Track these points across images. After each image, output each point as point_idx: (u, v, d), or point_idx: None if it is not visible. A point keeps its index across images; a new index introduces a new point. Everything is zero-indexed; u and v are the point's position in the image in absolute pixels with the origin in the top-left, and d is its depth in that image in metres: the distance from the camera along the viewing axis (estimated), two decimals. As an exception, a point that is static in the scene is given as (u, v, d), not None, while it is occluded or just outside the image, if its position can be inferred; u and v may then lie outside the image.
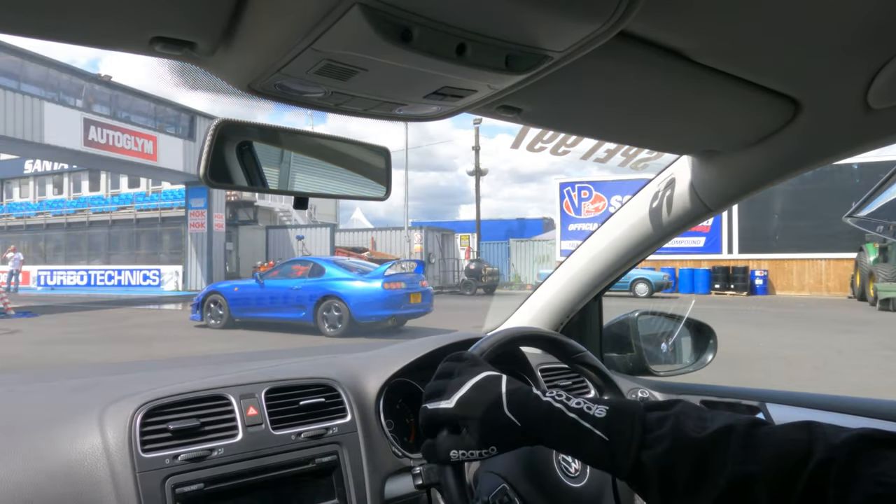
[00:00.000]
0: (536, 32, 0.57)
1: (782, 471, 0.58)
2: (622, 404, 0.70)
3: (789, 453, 0.59)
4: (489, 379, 0.74)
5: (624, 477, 0.66)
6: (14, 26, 0.57)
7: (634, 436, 0.65)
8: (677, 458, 0.63)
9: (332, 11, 0.51)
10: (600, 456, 0.66)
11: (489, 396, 0.72)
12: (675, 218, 1.23)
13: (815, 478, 0.56)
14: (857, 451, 0.56)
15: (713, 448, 0.62)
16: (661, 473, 0.63)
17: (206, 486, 0.90)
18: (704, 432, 0.64)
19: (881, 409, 1.20)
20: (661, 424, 0.65)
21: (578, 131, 1.02)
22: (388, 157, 1.02)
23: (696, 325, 1.65)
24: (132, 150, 18.70)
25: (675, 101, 0.85)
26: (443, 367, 0.79)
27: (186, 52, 0.62)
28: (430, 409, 0.74)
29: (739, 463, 0.60)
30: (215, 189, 9.67)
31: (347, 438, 1.06)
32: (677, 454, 0.63)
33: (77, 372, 1.30)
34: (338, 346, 4.70)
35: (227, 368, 1.17)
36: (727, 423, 0.64)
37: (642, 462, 0.64)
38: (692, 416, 0.66)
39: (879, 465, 0.54)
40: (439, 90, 0.66)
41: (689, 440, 0.63)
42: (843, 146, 0.99)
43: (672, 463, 0.63)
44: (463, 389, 0.73)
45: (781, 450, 0.60)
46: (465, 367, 0.77)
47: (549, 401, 0.70)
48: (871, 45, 0.72)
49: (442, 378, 0.77)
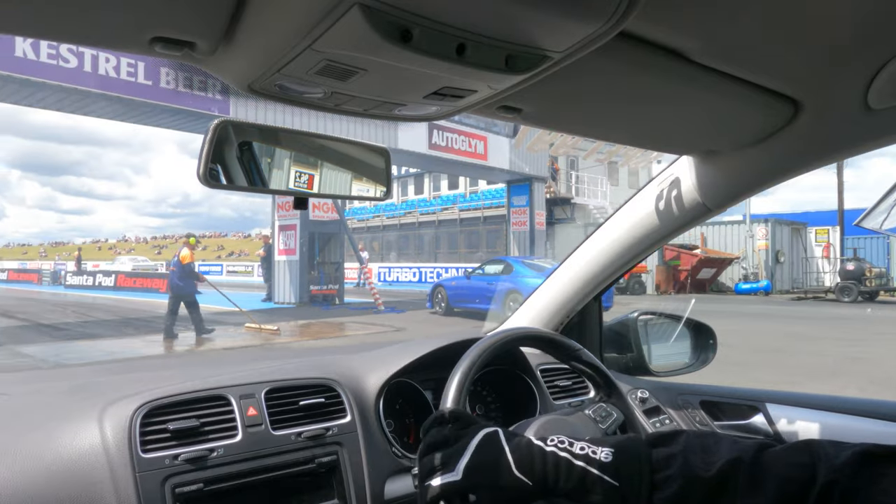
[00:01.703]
0: (536, 32, 0.57)
1: (788, 498, 0.59)
2: (627, 444, 0.69)
3: (793, 479, 0.60)
4: (488, 438, 0.72)
5: None
6: (14, 26, 0.57)
7: (644, 478, 0.65)
8: (688, 499, 0.64)
9: (331, 12, 0.51)
10: (612, 502, 0.66)
11: (494, 458, 0.70)
12: (675, 218, 1.23)
13: (820, 501, 0.57)
14: (858, 470, 0.57)
15: (722, 485, 0.63)
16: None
17: (205, 486, 0.90)
18: (712, 469, 0.64)
19: (882, 409, 1.20)
20: (669, 464, 0.66)
21: (578, 131, 1.02)
22: (387, 157, 1.02)
23: (695, 325, 1.65)
24: (466, 150, 19.17)
25: (675, 101, 0.85)
26: (432, 437, 0.75)
27: (186, 53, 0.62)
28: (437, 485, 0.70)
29: (747, 496, 0.61)
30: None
31: (347, 439, 1.06)
32: (688, 495, 0.64)
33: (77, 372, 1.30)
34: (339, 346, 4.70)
35: (227, 369, 1.17)
36: (734, 457, 0.64)
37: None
38: (698, 452, 0.66)
39: (881, 483, 0.56)
40: (439, 90, 0.66)
41: (699, 480, 0.64)
42: (843, 146, 0.99)
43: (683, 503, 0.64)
44: (466, 456, 0.70)
45: (785, 477, 0.61)
46: (456, 431, 0.74)
47: (553, 451, 0.69)
48: (871, 45, 0.72)
49: (436, 449, 0.74)
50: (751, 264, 21.08)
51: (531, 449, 0.70)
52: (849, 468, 0.58)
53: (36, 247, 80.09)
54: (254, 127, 0.88)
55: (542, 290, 1.54)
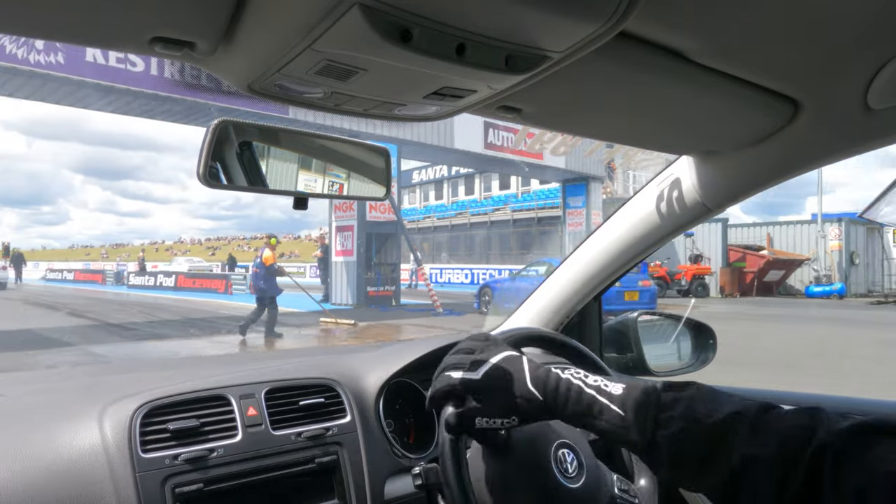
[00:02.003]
0: (536, 32, 0.57)
1: (785, 454, 0.62)
2: (638, 383, 0.74)
3: (793, 438, 0.62)
4: (512, 357, 0.80)
5: (638, 452, 0.71)
6: (14, 25, 0.57)
7: (649, 413, 0.70)
8: (688, 441, 0.67)
9: (331, 12, 0.51)
10: (615, 430, 0.71)
11: (513, 371, 0.78)
12: (675, 218, 1.23)
13: (814, 461, 0.59)
14: (853, 437, 0.59)
15: (722, 432, 0.66)
16: (673, 453, 0.68)
17: (205, 486, 0.90)
18: (715, 416, 0.67)
19: (882, 410, 1.20)
20: (674, 406, 0.69)
21: (578, 131, 1.03)
22: (387, 157, 1.02)
23: (695, 325, 1.65)
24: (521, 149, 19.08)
25: (675, 101, 0.85)
26: (464, 345, 0.83)
27: (186, 53, 0.62)
28: (456, 377, 0.78)
29: (745, 445, 0.64)
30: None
31: (347, 439, 1.06)
32: (688, 436, 0.67)
33: (77, 372, 1.30)
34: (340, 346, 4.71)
35: (227, 368, 1.17)
36: (736, 409, 0.67)
37: (656, 441, 0.68)
38: (705, 400, 0.70)
39: (875, 449, 0.57)
40: (439, 90, 0.66)
41: (701, 424, 0.67)
42: (843, 146, 0.99)
43: (683, 444, 0.67)
44: (488, 364, 0.79)
45: (786, 434, 0.63)
46: (487, 346, 0.82)
47: (568, 377, 0.76)
48: (871, 45, 0.72)
49: (463, 353, 0.81)
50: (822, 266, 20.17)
51: (548, 373, 0.77)
52: (846, 433, 0.60)
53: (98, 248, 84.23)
54: (253, 127, 0.88)
55: (541, 290, 1.54)
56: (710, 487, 0.67)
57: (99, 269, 38.41)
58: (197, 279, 24.22)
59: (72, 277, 34.72)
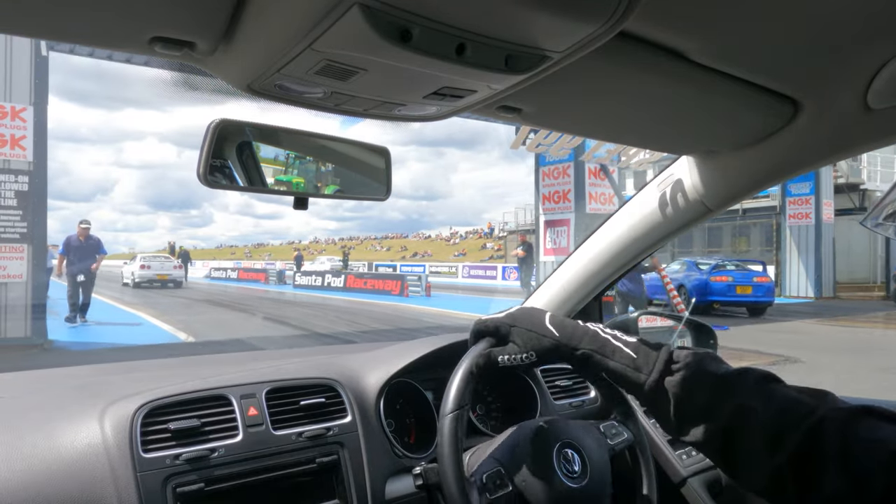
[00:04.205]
0: (536, 32, 0.57)
1: (784, 416, 0.65)
2: (652, 341, 0.79)
3: (797, 403, 0.66)
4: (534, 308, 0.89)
5: (642, 394, 0.75)
6: (14, 25, 0.57)
7: (660, 359, 0.75)
8: (693, 386, 0.72)
9: (331, 12, 0.51)
10: (626, 371, 0.76)
11: (534, 313, 0.87)
12: (675, 218, 1.23)
13: (814, 430, 0.62)
14: (859, 417, 0.62)
15: (727, 384, 0.71)
16: (676, 396, 0.72)
17: (206, 486, 0.90)
18: (720, 371, 0.73)
19: None
20: (686, 359, 0.75)
21: (578, 131, 1.03)
22: (388, 157, 1.02)
23: (696, 326, 1.65)
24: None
25: (675, 101, 0.85)
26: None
27: (186, 53, 0.62)
28: (485, 318, 0.89)
29: (747, 397, 0.68)
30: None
31: (348, 438, 1.06)
32: (694, 382, 0.72)
33: (77, 372, 1.30)
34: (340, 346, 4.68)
35: (227, 368, 1.17)
36: (746, 368, 0.72)
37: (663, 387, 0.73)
38: (716, 360, 0.75)
39: (877, 433, 0.60)
40: (439, 90, 0.66)
41: (707, 374, 0.73)
42: (843, 146, 0.99)
43: (688, 388, 0.72)
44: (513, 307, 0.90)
45: (790, 398, 0.67)
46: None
47: (586, 325, 0.83)
48: (871, 45, 0.72)
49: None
50: None
51: (566, 318, 0.85)
52: (845, 412, 0.63)
53: (241, 248, 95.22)
54: (253, 126, 0.88)
55: (541, 290, 1.54)
56: (706, 436, 0.70)
57: (260, 269, 38.42)
58: (369, 280, 23.19)
59: (235, 276, 34.29)
